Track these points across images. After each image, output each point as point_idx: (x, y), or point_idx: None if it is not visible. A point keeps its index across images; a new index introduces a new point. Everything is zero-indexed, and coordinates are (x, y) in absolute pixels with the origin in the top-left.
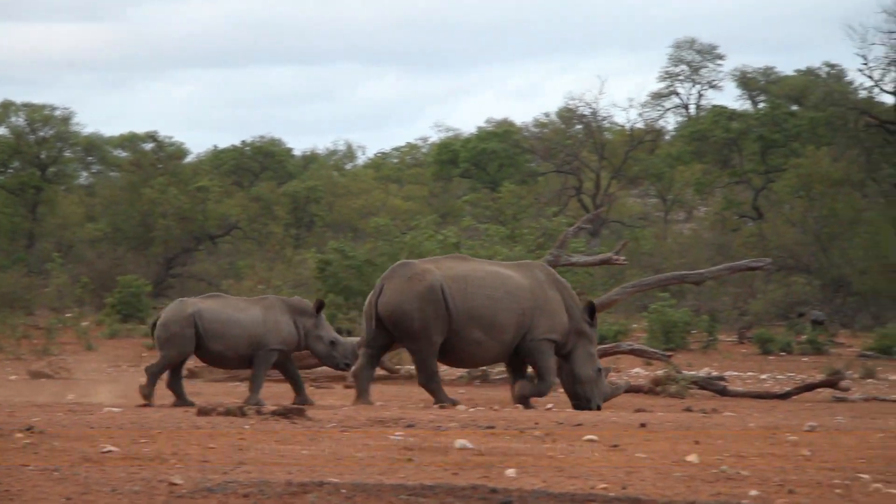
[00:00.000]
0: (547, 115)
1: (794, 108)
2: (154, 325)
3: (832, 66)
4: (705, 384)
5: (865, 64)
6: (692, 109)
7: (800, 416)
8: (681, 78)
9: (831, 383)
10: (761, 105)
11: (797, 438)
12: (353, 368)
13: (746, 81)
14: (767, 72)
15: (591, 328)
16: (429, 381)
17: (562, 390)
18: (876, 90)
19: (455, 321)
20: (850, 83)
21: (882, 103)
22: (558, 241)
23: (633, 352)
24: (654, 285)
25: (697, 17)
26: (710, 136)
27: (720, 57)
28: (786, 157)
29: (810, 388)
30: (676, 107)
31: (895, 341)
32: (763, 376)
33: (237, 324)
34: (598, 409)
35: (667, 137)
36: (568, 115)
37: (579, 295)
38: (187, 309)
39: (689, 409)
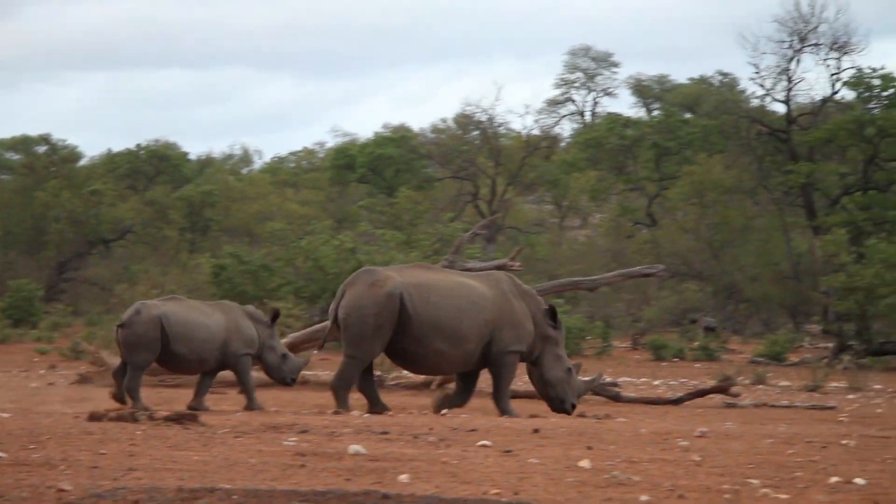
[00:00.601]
0: (443, 120)
1: (688, 115)
2: (118, 329)
3: (725, 74)
4: (599, 390)
5: (757, 73)
6: (587, 116)
7: (691, 422)
8: (576, 85)
9: (722, 389)
10: (655, 113)
11: (688, 444)
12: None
13: (641, 89)
14: (662, 80)
15: (555, 331)
16: (340, 387)
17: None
18: (767, 99)
19: (416, 329)
20: (743, 92)
21: (773, 112)
22: (454, 246)
23: None
24: (549, 291)
25: (593, 25)
26: (604, 143)
27: (615, 65)
28: (679, 165)
29: (702, 394)
30: (572, 114)
31: (785, 347)
32: (656, 382)
33: (204, 327)
34: (573, 407)
35: (562, 144)
36: (464, 121)
37: None
38: (152, 311)
39: (582, 415)
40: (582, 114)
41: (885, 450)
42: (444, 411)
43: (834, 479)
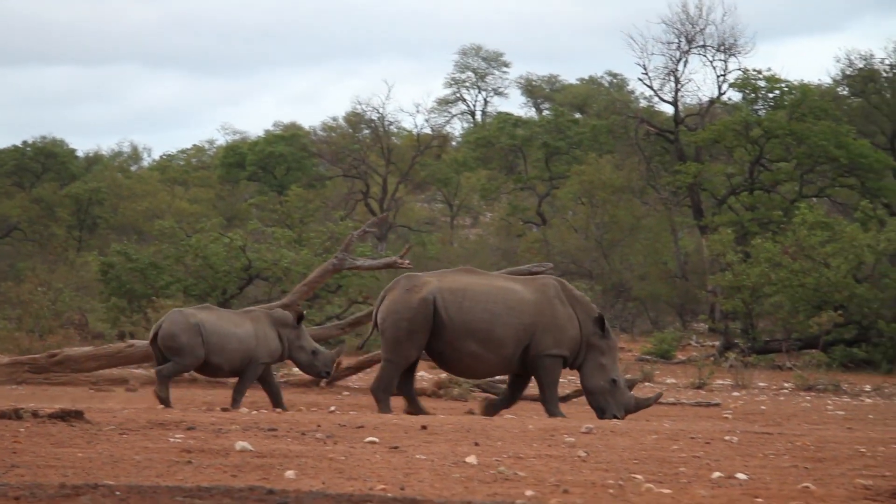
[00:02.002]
0: (334, 119)
1: (578, 115)
2: (154, 338)
3: (614, 75)
4: (487, 387)
5: (645, 74)
6: (478, 116)
7: (578, 419)
8: (467, 85)
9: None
10: (546, 112)
11: (574, 440)
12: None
13: (531, 89)
14: (552, 80)
15: (601, 339)
16: (380, 391)
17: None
18: (655, 99)
19: (449, 333)
20: (632, 92)
21: (661, 112)
22: (343, 244)
23: None
24: None
25: (483, 26)
26: (495, 142)
27: (506, 64)
28: (569, 164)
29: None
30: (463, 113)
31: (672, 345)
32: None
33: (234, 337)
34: (618, 419)
35: (453, 143)
36: (355, 119)
37: (366, 299)
38: (190, 319)
39: (471, 412)
40: (473, 113)
41: (767, 446)
42: (331, 408)
43: (716, 475)
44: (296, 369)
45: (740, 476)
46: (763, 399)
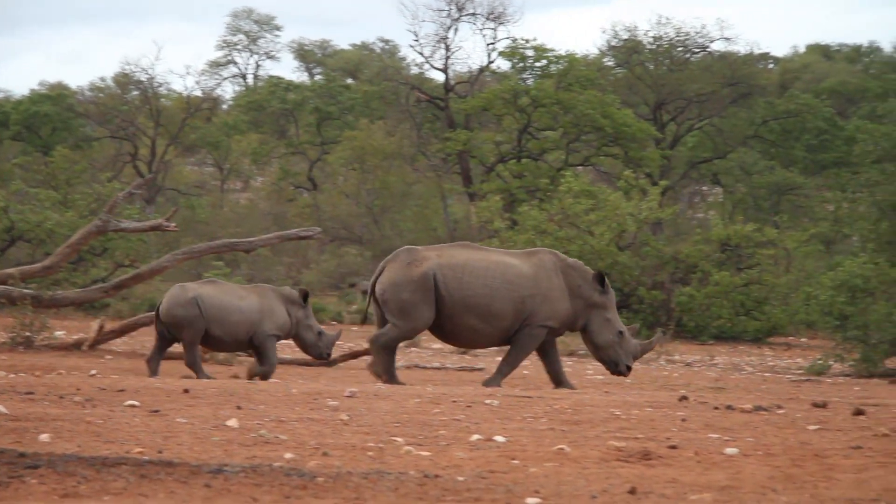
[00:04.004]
0: (102, 80)
1: (350, 81)
2: (157, 313)
3: (386, 41)
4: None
5: (416, 41)
6: (250, 79)
7: (344, 383)
8: (239, 48)
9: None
10: (318, 77)
11: (337, 404)
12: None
13: (303, 54)
14: (324, 45)
15: (602, 296)
16: (380, 347)
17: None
18: (426, 66)
19: (449, 307)
20: (403, 59)
21: (432, 80)
22: (107, 206)
23: None
24: (205, 252)
25: None
26: (266, 106)
27: (278, 28)
28: (340, 130)
29: (356, 355)
30: (234, 76)
31: None
32: None
33: (237, 310)
34: (629, 368)
35: (224, 106)
36: (124, 80)
37: (132, 263)
38: (189, 293)
39: (235, 377)
40: (244, 76)
41: (526, 409)
42: (92, 372)
43: (475, 437)
44: (57, 332)
45: (498, 438)
46: (526, 364)
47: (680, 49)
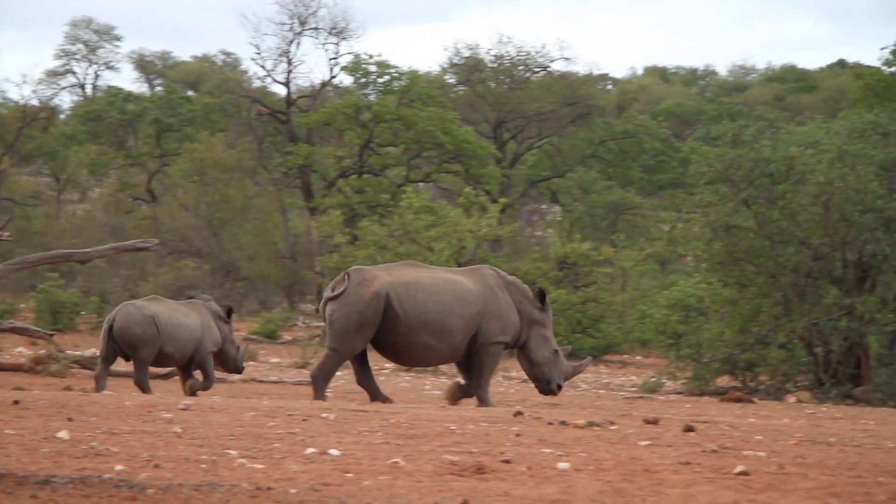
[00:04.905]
0: None
1: (190, 93)
2: (110, 331)
3: (228, 54)
4: (87, 364)
5: (258, 54)
6: (89, 89)
7: (179, 395)
8: (77, 57)
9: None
10: (158, 88)
11: (171, 416)
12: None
13: (144, 64)
14: (164, 56)
15: (542, 313)
16: (320, 379)
17: None
18: (268, 80)
19: (404, 325)
20: (245, 72)
21: (274, 93)
22: None
23: (14, 330)
24: (39, 262)
25: None
26: (105, 116)
27: (118, 38)
28: (181, 142)
29: None
30: (73, 86)
31: (279, 325)
32: None
33: (186, 327)
34: (559, 388)
35: (62, 116)
36: None
37: None
38: (145, 311)
39: (68, 388)
40: (83, 86)
41: (363, 423)
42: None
43: (310, 451)
44: None
45: (333, 452)
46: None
47: (521, 68)
